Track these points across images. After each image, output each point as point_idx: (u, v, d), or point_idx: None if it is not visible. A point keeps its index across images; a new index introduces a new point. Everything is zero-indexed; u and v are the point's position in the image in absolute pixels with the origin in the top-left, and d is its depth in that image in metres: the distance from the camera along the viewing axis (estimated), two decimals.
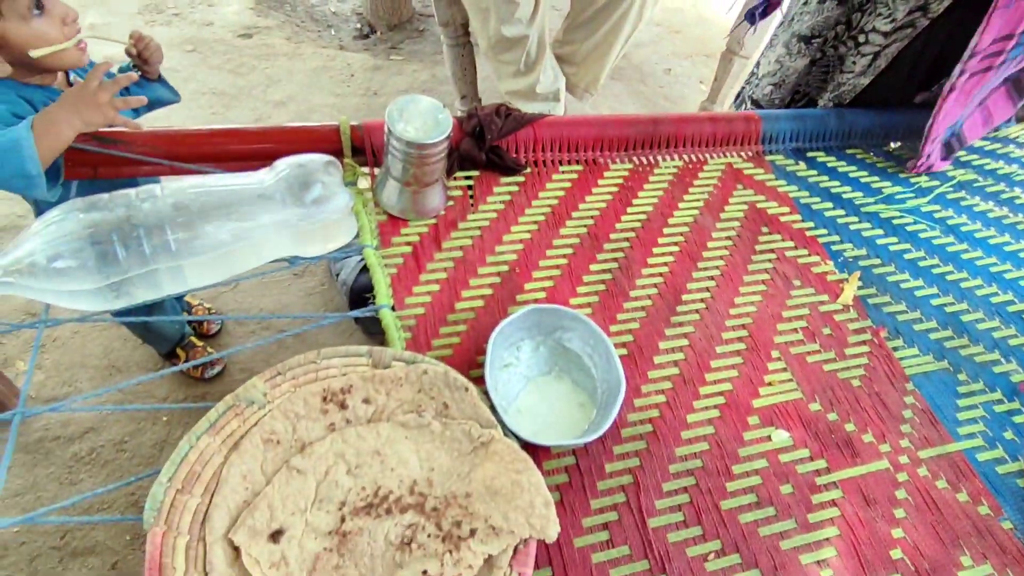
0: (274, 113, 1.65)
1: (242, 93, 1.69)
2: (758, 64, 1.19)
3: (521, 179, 0.77)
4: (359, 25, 2.08)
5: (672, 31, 2.36)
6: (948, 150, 0.93)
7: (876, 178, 0.92)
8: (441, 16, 1.43)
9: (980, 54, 0.79)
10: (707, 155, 0.87)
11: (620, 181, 0.81)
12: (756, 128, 0.91)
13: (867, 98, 1.00)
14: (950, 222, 0.87)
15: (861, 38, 0.96)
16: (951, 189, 0.93)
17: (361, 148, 0.71)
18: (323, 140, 0.70)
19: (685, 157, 0.86)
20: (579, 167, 0.81)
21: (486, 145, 0.73)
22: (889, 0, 0.91)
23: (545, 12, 1.41)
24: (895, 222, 0.85)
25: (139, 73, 0.92)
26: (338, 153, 0.70)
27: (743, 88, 1.25)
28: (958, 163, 0.98)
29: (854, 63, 0.98)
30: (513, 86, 1.48)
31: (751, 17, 1.09)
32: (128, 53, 0.90)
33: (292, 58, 1.84)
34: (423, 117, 0.62)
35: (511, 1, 1.30)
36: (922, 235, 0.84)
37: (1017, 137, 1.04)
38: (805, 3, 1.04)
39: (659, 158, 0.85)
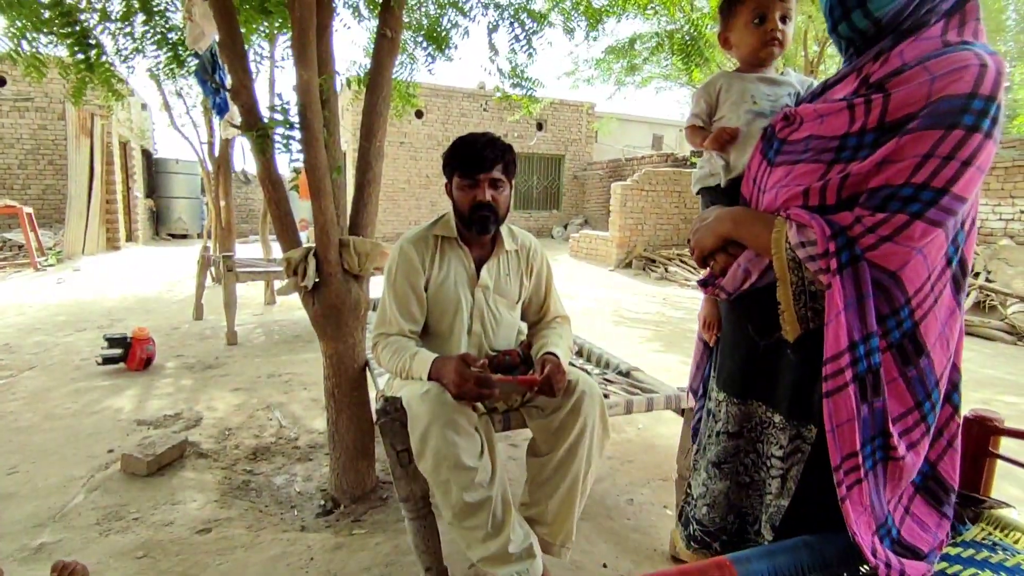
0: None
1: None
2: (690, 486, 1.25)
3: None
4: (323, 502, 2.12)
5: (625, 461, 2.51)
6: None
7: None
8: (401, 491, 1.49)
9: (841, 470, 0.87)
10: None
11: None
12: (732, 575, 0.87)
13: (802, 518, 1.01)
14: None
15: (768, 463, 1.04)
16: None
17: None
18: None
19: None
20: None
21: None
22: (774, 431, 1.03)
23: (503, 470, 1.50)
24: None
25: None
26: None
27: (683, 507, 1.27)
28: (941, 575, 0.94)
29: (770, 485, 1.04)
30: (484, 552, 1.41)
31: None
32: None
33: (250, 549, 1.79)
34: None
35: (469, 468, 1.39)
36: None
37: (981, 539, 1.04)
38: (709, 436, 1.17)
39: None
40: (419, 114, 13.93)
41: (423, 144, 14.11)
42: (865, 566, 0.94)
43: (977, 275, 6.08)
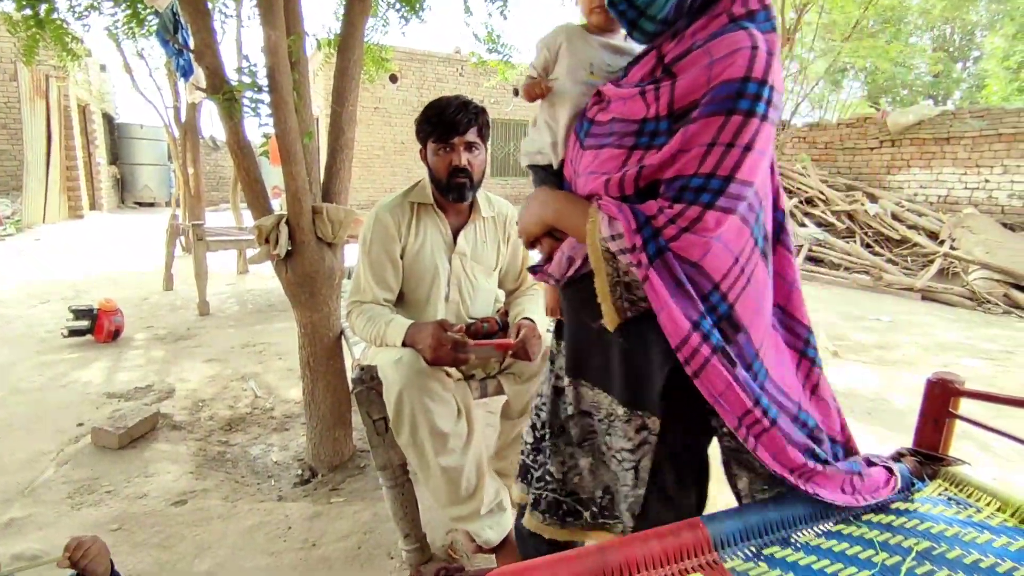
0: None
1: (165, 569, 1.55)
2: (535, 469, 1.20)
3: None
4: (300, 471, 2.12)
5: None
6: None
7: (840, 566, 0.89)
8: (379, 461, 1.49)
9: (743, 428, 0.86)
10: None
11: None
12: (704, 534, 0.90)
13: (661, 503, 1.02)
14: None
15: (619, 456, 1.04)
16: (915, 563, 0.90)
17: None
18: None
19: None
20: None
21: None
22: (619, 423, 1.03)
23: (480, 436, 1.51)
24: None
25: None
26: None
27: (540, 494, 1.17)
28: (911, 532, 0.98)
29: (624, 478, 1.04)
30: (457, 512, 1.47)
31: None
32: (64, 565, 0.83)
33: (226, 519, 1.79)
34: None
35: (443, 433, 1.40)
36: None
37: (938, 494, 1.08)
38: (566, 418, 1.13)
39: None
40: (393, 79, 13.59)
41: (398, 110, 13.81)
42: (832, 520, 0.98)
43: (942, 243, 6.25)
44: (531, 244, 1.08)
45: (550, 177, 1.11)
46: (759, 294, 0.92)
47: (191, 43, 1.89)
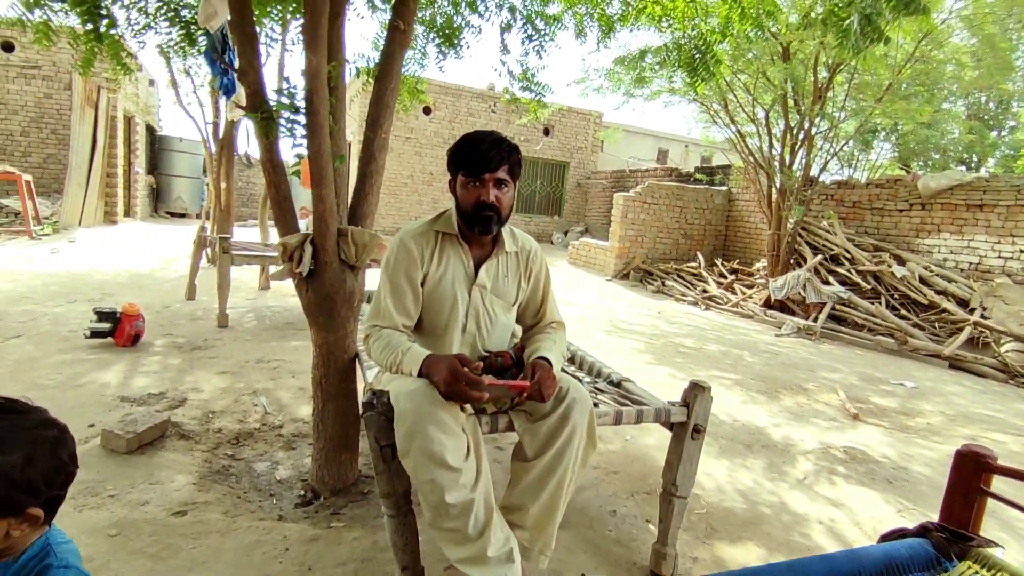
0: None
1: None
2: None
3: None
4: (303, 492, 2.09)
5: (610, 472, 2.49)
6: None
7: None
8: (382, 487, 1.46)
9: None
10: None
11: None
12: None
13: None
14: None
15: None
16: None
17: None
18: None
19: None
20: None
21: None
22: None
23: (488, 473, 1.47)
24: None
25: None
26: None
27: None
28: None
29: None
30: (463, 553, 1.39)
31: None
32: None
33: (225, 534, 1.76)
34: None
35: (453, 468, 1.36)
36: None
37: None
38: None
39: None
40: (427, 111, 13.92)
41: (429, 140, 14.10)
42: None
43: (972, 311, 6.10)
44: None
45: None
46: None
47: (236, 63, 1.96)
